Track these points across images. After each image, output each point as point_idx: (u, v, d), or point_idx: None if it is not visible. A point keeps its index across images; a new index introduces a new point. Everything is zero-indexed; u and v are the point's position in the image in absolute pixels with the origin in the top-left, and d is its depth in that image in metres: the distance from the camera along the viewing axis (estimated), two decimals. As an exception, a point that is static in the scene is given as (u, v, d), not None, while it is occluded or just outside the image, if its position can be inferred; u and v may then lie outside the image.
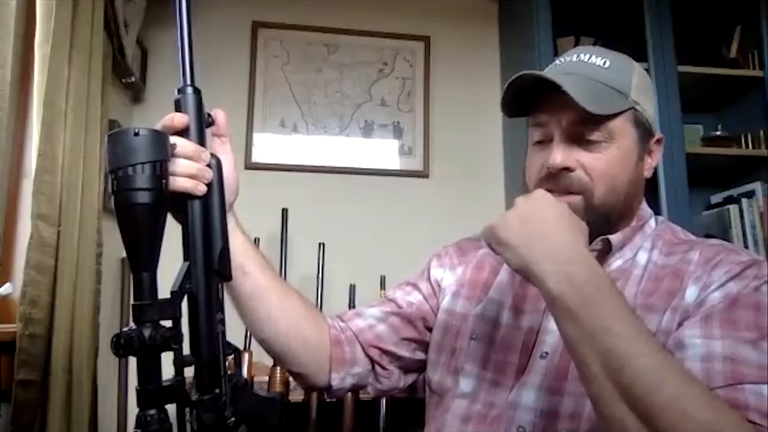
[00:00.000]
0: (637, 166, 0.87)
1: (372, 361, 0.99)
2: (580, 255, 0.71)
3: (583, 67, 0.87)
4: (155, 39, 2.24)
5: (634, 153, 0.86)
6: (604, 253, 0.87)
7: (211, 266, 0.67)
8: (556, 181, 0.85)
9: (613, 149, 0.84)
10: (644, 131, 0.88)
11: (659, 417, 0.60)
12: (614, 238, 0.86)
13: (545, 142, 0.87)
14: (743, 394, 0.65)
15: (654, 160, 0.91)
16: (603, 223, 0.85)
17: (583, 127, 0.83)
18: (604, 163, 0.84)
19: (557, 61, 0.92)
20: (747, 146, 2.31)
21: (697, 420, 0.59)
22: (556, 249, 0.71)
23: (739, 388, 0.66)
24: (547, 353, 0.84)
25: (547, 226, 0.73)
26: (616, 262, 0.87)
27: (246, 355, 1.80)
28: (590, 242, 0.85)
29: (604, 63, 0.87)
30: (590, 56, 0.88)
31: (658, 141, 0.91)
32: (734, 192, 2.31)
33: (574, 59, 0.89)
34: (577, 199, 0.84)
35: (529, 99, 0.88)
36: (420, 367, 1.03)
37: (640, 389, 0.61)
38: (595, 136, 0.83)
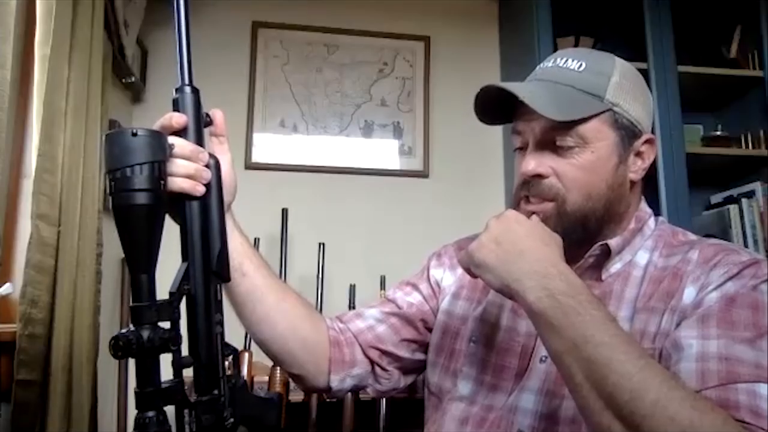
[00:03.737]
0: (618, 169, 0.85)
1: (372, 362, 0.99)
2: (557, 268, 0.72)
3: (557, 72, 0.87)
4: (155, 39, 2.24)
5: (613, 156, 0.84)
6: (604, 257, 0.86)
7: (209, 267, 0.67)
8: (529, 187, 0.85)
9: (587, 154, 0.83)
10: (627, 132, 0.85)
11: (644, 423, 0.60)
12: (613, 242, 0.85)
13: (524, 149, 0.88)
14: (735, 394, 0.65)
15: (645, 162, 0.88)
16: (580, 229, 0.84)
17: (554, 134, 0.83)
18: (577, 168, 0.83)
19: (538, 67, 0.91)
20: (747, 146, 2.30)
21: (681, 423, 0.59)
22: (533, 265, 0.72)
23: (731, 387, 0.66)
24: (546, 357, 0.84)
25: (521, 244, 0.75)
26: (615, 266, 0.87)
27: (246, 355, 1.80)
28: (581, 251, 0.85)
29: (579, 66, 0.85)
30: (566, 60, 0.87)
31: (649, 141, 0.88)
32: (734, 192, 2.31)
33: (550, 65, 0.89)
34: (549, 206, 0.84)
35: (509, 107, 0.88)
36: (420, 367, 1.03)
37: (623, 397, 0.61)
38: (566, 141, 0.83)
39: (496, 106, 0.89)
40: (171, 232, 0.67)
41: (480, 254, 0.77)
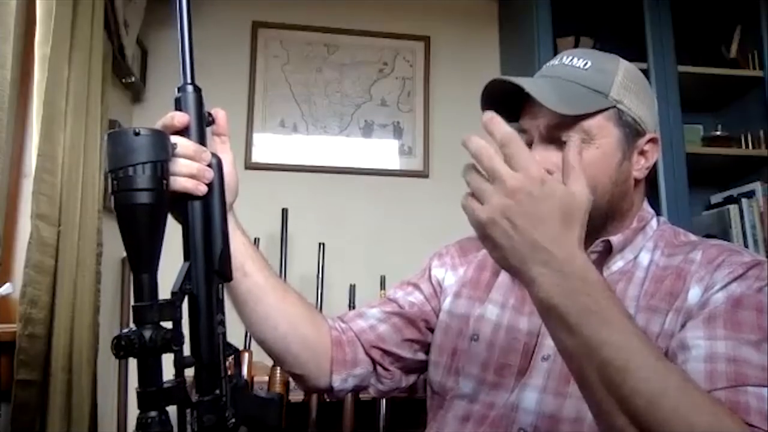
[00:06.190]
0: (622, 166, 0.85)
1: (373, 361, 0.98)
2: (573, 258, 0.64)
3: (563, 69, 0.87)
4: (155, 39, 2.24)
5: (617, 152, 0.85)
6: (605, 254, 0.87)
7: (211, 267, 0.66)
8: None
9: (592, 149, 0.83)
10: (630, 130, 0.86)
11: (661, 429, 0.58)
12: (615, 239, 0.85)
13: (529, 146, 0.86)
14: (745, 397, 0.65)
15: (649, 161, 0.89)
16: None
17: (559, 129, 0.83)
18: (582, 164, 0.83)
19: (544, 66, 0.92)
20: (747, 146, 2.31)
21: (700, 429, 0.58)
22: (547, 253, 0.64)
23: (741, 390, 0.66)
24: (549, 355, 0.84)
25: (537, 226, 0.66)
26: (617, 264, 0.87)
27: (246, 355, 1.80)
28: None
29: (585, 64, 0.86)
30: (572, 59, 0.88)
31: (653, 140, 0.89)
32: (734, 192, 2.31)
33: (556, 63, 0.90)
34: None
35: (515, 104, 0.88)
36: (421, 367, 1.03)
37: (640, 401, 0.59)
38: (571, 136, 0.82)
39: (502, 103, 0.89)
40: (173, 231, 0.67)
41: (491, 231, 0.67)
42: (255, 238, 1.98)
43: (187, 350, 0.63)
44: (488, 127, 0.67)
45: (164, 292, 0.62)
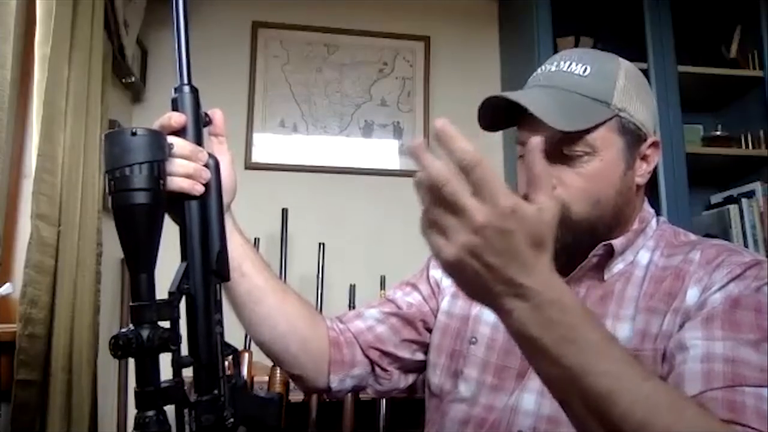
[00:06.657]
0: (626, 175, 0.84)
1: (372, 362, 0.99)
2: (547, 285, 0.58)
3: (562, 77, 0.85)
4: (155, 39, 2.24)
5: (620, 162, 0.83)
6: (607, 257, 0.86)
7: (209, 267, 0.66)
8: None
9: (596, 162, 0.81)
10: (633, 137, 0.84)
11: None
12: (617, 242, 0.85)
13: None
14: (742, 397, 0.65)
15: (650, 165, 0.88)
16: (588, 237, 0.83)
17: (561, 144, 0.81)
18: (584, 177, 0.81)
19: (539, 70, 0.89)
20: (747, 146, 2.31)
21: None
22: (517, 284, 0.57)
23: (738, 390, 0.65)
24: None
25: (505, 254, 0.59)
26: (617, 266, 0.87)
27: (246, 355, 1.80)
28: (586, 252, 0.84)
29: (584, 71, 0.84)
30: (570, 64, 0.85)
31: (654, 144, 0.88)
32: (734, 192, 2.31)
33: (553, 69, 0.86)
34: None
35: (512, 112, 0.86)
36: (420, 367, 1.03)
37: (631, 426, 0.56)
38: (574, 151, 0.81)
39: (499, 113, 0.87)
40: (170, 231, 0.67)
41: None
42: (255, 239, 1.98)
43: (185, 350, 0.63)
44: (442, 140, 0.55)
45: (162, 292, 0.62)
